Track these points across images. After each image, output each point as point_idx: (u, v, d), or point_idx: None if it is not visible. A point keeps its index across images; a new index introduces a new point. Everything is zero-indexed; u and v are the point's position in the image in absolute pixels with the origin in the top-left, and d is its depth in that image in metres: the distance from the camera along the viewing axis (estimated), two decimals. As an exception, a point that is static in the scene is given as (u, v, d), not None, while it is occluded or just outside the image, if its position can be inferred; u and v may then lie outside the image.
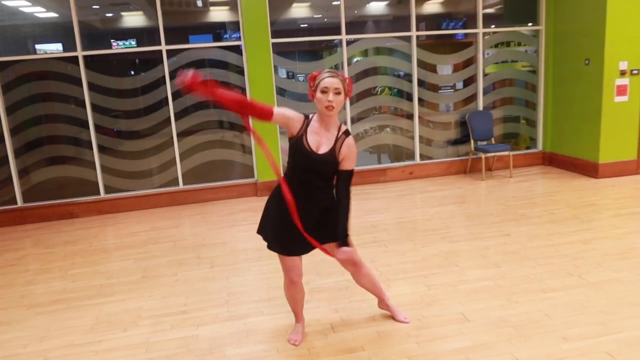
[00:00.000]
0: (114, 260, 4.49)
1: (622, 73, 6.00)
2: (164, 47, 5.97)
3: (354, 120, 6.71)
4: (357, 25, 6.63)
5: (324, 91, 2.38)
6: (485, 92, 6.96)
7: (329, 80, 2.38)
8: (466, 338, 2.78)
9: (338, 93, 2.39)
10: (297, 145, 2.46)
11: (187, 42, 6.13)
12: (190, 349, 2.88)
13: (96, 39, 6.01)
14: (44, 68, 5.86)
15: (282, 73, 6.52)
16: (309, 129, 2.47)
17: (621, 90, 6.04)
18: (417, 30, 6.55)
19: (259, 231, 2.75)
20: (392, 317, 3.01)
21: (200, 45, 6.13)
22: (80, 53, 5.80)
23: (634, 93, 6.09)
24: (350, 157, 2.48)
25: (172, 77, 6.07)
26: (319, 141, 2.46)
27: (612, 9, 5.82)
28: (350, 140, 2.48)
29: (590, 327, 2.80)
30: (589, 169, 6.32)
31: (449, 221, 4.89)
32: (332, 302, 3.33)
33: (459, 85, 7.00)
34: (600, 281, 3.37)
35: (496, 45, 7.21)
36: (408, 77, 6.72)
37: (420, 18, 6.63)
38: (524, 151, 7.23)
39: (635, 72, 6.03)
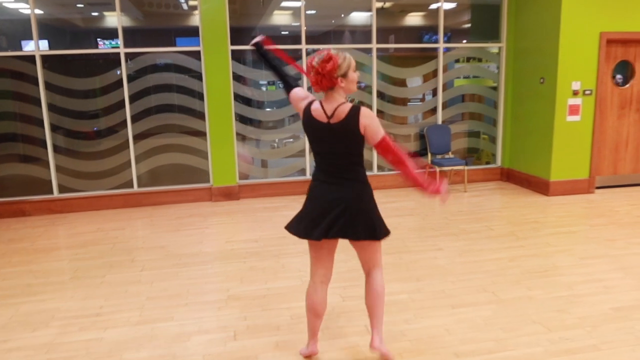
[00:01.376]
0: (50, 260, 4.49)
1: (575, 93, 6.08)
2: (122, 50, 6.00)
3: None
4: (323, 36, 6.70)
5: (355, 70, 2.38)
6: (448, 106, 7.03)
7: (353, 61, 2.40)
8: (360, 351, 2.80)
9: None
10: (307, 118, 2.42)
11: (174, 44, 6.25)
12: (89, 352, 2.89)
13: (78, 37, 6.07)
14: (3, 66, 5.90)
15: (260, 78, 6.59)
16: (312, 106, 2.40)
17: (573, 110, 6.12)
18: (388, 42, 6.62)
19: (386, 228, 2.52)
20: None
21: (159, 50, 6.17)
22: (37, 52, 5.82)
23: (586, 113, 6.16)
24: (373, 124, 2.30)
25: (130, 80, 6.11)
26: (329, 112, 2.34)
27: (565, 29, 5.90)
28: (365, 109, 2.32)
29: (484, 344, 2.83)
30: (541, 187, 6.38)
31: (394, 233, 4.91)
32: (244, 309, 3.35)
33: (429, 97, 7.07)
34: (512, 298, 3.41)
35: (468, 60, 7.30)
36: (369, 88, 6.78)
37: (392, 30, 6.73)
38: (483, 166, 7.29)
39: (587, 92, 6.11)
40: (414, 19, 7.03)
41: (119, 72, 6.03)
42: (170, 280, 3.91)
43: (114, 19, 5.98)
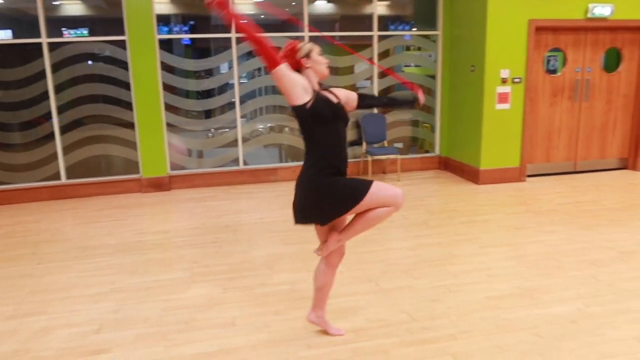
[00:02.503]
0: (-48, 254, 4.41)
1: (504, 81, 6.05)
2: (44, 40, 5.87)
3: (247, 118, 6.69)
4: (279, 24, 6.61)
5: (321, 54, 2.48)
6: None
7: (318, 47, 2.49)
8: (214, 344, 2.77)
9: None
10: (320, 101, 2.42)
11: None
12: (-56, 348, 2.83)
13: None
14: None
15: (224, 68, 6.49)
16: (321, 92, 2.50)
17: (502, 98, 6.10)
18: (335, 30, 6.53)
19: (345, 206, 2.46)
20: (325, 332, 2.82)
21: (83, 39, 6.05)
22: (-46, 41, 5.68)
23: (515, 101, 6.15)
24: (348, 94, 2.65)
25: (54, 70, 5.99)
26: (328, 95, 2.51)
27: (492, 17, 5.86)
28: (336, 89, 2.61)
29: (339, 337, 2.81)
30: (473, 175, 6.38)
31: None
32: (121, 302, 3.31)
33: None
34: (392, 288, 3.39)
35: (408, 49, 7.25)
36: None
37: (342, 19, 6.69)
38: (421, 155, 7.27)
39: (517, 80, 6.09)
40: (369, 7, 6.89)
41: (43, 62, 5.90)
42: (61, 274, 3.85)
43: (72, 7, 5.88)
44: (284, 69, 2.37)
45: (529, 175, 6.53)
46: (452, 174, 6.92)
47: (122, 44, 6.05)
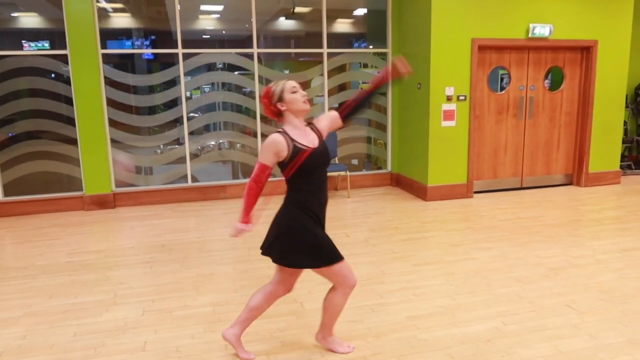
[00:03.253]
0: None
1: (449, 98, 6.13)
2: (-18, 53, 5.72)
3: (194, 134, 6.61)
4: (204, 41, 6.59)
5: (294, 91, 2.44)
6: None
7: (291, 83, 2.45)
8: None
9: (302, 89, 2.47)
10: (298, 154, 2.39)
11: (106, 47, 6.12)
12: None
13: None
14: None
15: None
16: (293, 137, 2.42)
17: (448, 115, 6.17)
18: (291, 47, 6.54)
19: (303, 261, 2.52)
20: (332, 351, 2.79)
21: (25, 53, 5.91)
22: None
23: (461, 118, 6.23)
24: (328, 117, 2.63)
25: (-8, 84, 5.84)
26: (308, 139, 2.45)
27: (436, 35, 5.95)
28: (316, 121, 2.59)
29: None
30: (421, 192, 6.42)
31: (238, 242, 4.82)
32: (32, 327, 3.17)
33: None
34: (315, 309, 3.34)
35: (366, 66, 7.30)
36: (253, 94, 6.69)
37: (298, 36, 6.70)
38: (373, 172, 7.29)
39: (461, 98, 6.18)
40: (334, 25, 6.94)
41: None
42: (-24, 297, 3.68)
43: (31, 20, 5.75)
44: (267, 165, 2.43)
45: (477, 192, 6.61)
46: (402, 190, 6.95)
47: (64, 59, 5.93)
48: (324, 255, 2.47)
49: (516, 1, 6.13)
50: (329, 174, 6.53)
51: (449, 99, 6.13)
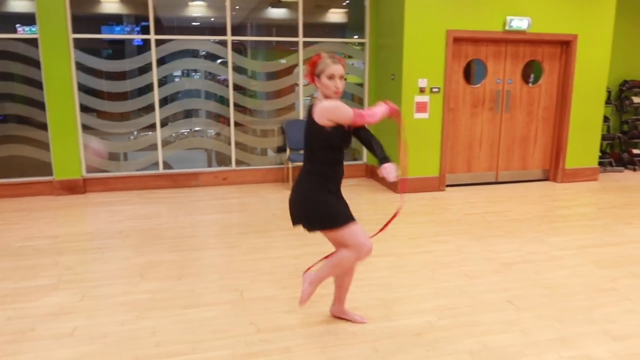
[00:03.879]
0: None
1: (422, 90, 6.06)
2: (-49, 35, 5.69)
3: (167, 121, 6.57)
4: (179, 28, 6.52)
5: (331, 77, 2.48)
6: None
7: (335, 68, 2.48)
8: (38, 356, 2.65)
9: (342, 78, 2.51)
10: (339, 129, 2.52)
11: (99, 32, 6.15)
12: None
13: None
14: None
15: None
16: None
17: (421, 107, 6.11)
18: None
19: (325, 224, 2.64)
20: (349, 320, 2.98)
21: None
22: None
23: (434, 111, 6.16)
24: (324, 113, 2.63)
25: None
26: None
27: (409, 26, 5.87)
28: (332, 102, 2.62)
29: (178, 347, 2.72)
30: (393, 184, 6.37)
31: (196, 229, 4.80)
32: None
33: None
34: (254, 298, 3.32)
35: (350, 57, 7.22)
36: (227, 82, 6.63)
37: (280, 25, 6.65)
38: (348, 162, 7.24)
39: (435, 90, 6.10)
40: (317, 15, 6.87)
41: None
42: None
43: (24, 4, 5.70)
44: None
45: (450, 185, 6.56)
46: (376, 182, 6.90)
47: (35, 43, 5.89)
48: (336, 218, 2.60)
49: (493, -8, 6.03)
50: (299, 163, 6.48)
51: (422, 90, 6.06)
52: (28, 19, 5.87)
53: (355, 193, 6.30)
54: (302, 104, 6.87)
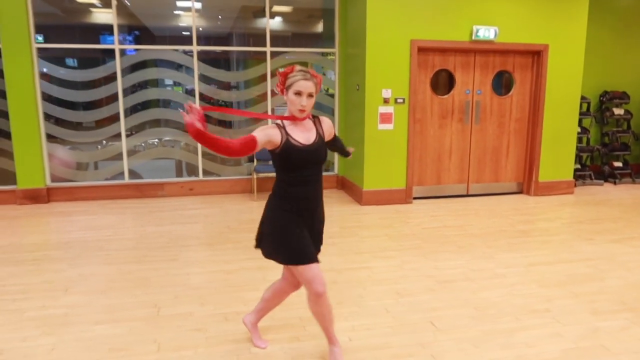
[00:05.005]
0: None
1: (386, 101, 5.96)
2: None
3: (133, 130, 6.55)
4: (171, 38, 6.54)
5: (298, 93, 2.30)
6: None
7: (303, 84, 2.29)
8: None
9: (311, 96, 2.34)
10: (288, 148, 2.32)
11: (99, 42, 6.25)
12: None
13: None
14: None
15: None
16: (288, 131, 2.35)
17: (385, 118, 6.00)
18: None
19: (271, 253, 2.48)
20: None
21: (-43, 45, 5.91)
22: None
23: (399, 122, 6.05)
24: (331, 128, 2.57)
25: None
26: (305, 136, 2.38)
27: (372, 36, 5.80)
28: (324, 117, 2.54)
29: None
30: (359, 196, 6.26)
31: (139, 242, 4.73)
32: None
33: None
34: (170, 315, 3.23)
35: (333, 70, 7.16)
36: (194, 92, 6.60)
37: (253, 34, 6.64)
38: (318, 174, 7.13)
39: (400, 100, 6.00)
40: (289, 24, 6.85)
41: None
42: None
43: None
44: (259, 140, 2.25)
45: (418, 198, 6.43)
46: (345, 194, 6.80)
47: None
48: (291, 252, 2.39)
49: (458, 2, 5.93)
50: (264, 174, 6.43)
51: (386, 101, 5.96)
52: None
53: (325, 205, 6.18)
54: (271, 114, 6.80)
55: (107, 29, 6.22)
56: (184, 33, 6.58)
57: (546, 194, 6.71)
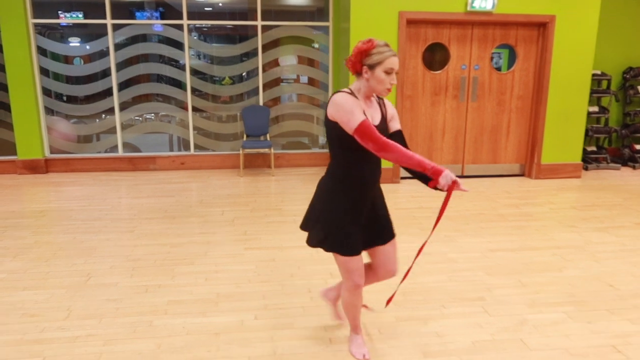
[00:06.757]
0: None
1: (371, 76, 5.72)
2: None
3: (125, 105, 6.67)
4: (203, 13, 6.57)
5: (389, 72, 2.09)
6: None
7: (395, 61, 2.09)
8: None
9: (396, 73, 2.20)
10: None
11: (134, 17, 6.38)
12: None
13: None
14: None
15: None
16: (363, 107, 2.18)
17: (370, 94, 5.77)
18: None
19: (320, 241, 2.28)
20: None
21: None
22: None
23: (389, 98, 5.81)
24: (396, 116, 2.32)
25: None
26: (371, 114, 2.20)
27: (356, 8, 5.57)
28: (388, 101, 2.34)
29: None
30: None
31: (111, 213, 4.84)
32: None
33: (304, 78, 6.85)
34: (98, 284, 3.29)
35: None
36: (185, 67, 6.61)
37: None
38: (310, 151, 7.03)
39: (386, 76, 5.74)
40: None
41: None
42: None
43: None
44: (365, 120, 2.02)
45: (406, 178, 6.20)
46: (335, 171, 6.65)
47: (-2, 27, 6.16)
48: (336, 241, 2.23)
49: (451, -30, 5.57)
50: (249, 150, 6.40)
51: (371, 76, 5.72)
52: (69, 6, 6.16)
53: (301, 182, 6.11)
54: (261, 90, 6.73)
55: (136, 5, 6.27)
56: (205, 9, 6.54)
57: (549, 177, 6.30)
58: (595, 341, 2.67)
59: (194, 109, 6.71)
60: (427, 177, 2.12)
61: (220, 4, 6.60)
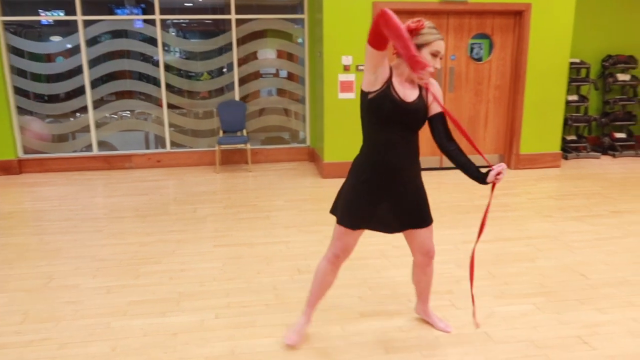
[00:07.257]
0: None
1: (346, 68, 5.67)
2: None
3: (100, 103, 6.56)
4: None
5: (435, 54, 2.08)
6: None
7: (442, 44, 2.08)
8: None
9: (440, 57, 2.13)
10: (385, 96, 2.09)
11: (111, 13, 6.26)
12: None
13: None
14: None
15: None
16: (393, 79, 2.12)
17: (346, 87, 5.72)
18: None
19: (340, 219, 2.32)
20: (431, 325, 2.69)
21: None
22: None
23: (362, 91, 5.74)
24: (440, 96, 2.21)
25: None
26: (406, 91, 2.13)
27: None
28: (433, 80, 2.23)
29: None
30: (321, 168, 6.04)
31: (81, 213, 4.75)
32: None
33: (283, 73, 6.75)
34: (59, 286, 3.21)
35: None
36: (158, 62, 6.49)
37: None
38: (289, 145, 6.95)
39: (362, 67, 5.69)
40: None
41: None
42: None
43: None
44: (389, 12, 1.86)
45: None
46: (314, 166, 6.60)
47: (-36, 26, 6.01)
48: (343, 208, 2.30)
49: (424, -41, 5.49)
50: (227, 147, 6.31)
51: (346, 68, 5.67)
52: (47, 4, 6.01)
53: (278, 177, 6.04)
54: (237, 85, 6.63)
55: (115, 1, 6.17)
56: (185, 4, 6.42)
57: (529, 167, 6.27)
58: (563, 332, 2.63)
59: (170, 106, 6.61)
60: (478, 173, 2.16)
61: (193, -2, 6.50)
